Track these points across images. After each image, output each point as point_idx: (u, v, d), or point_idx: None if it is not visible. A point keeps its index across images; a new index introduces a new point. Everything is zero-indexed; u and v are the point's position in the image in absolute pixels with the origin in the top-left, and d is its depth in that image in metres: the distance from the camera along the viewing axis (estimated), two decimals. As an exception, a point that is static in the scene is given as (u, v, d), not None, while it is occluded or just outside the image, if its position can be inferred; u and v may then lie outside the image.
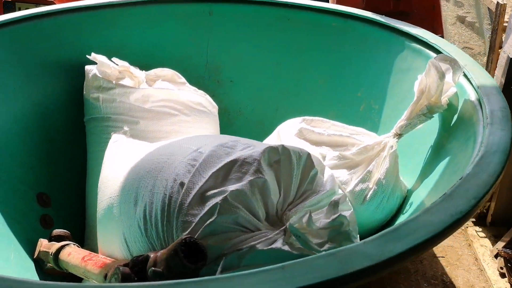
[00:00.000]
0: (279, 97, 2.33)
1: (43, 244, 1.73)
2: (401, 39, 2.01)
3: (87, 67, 2.07)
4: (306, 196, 1.40)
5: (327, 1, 2.65)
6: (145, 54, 2.27)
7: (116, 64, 2.06)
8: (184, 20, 2.32)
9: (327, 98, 2.22)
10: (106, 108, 1.99)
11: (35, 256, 1.73)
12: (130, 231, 1.40)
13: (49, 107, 2.09)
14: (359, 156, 1.65)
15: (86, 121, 2.09)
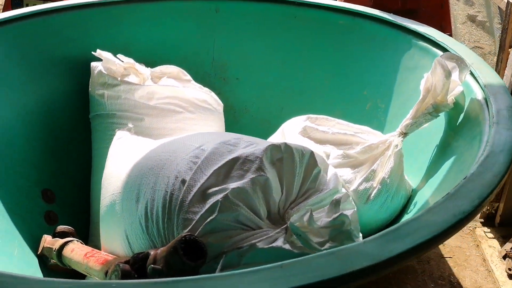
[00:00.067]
0: (285, 95, 2.31)
1: (47, 240, 1.74)
2: (408, 37, 1.99)
3: (93, 64, 2.07)
4: (309, 194, 1.39)
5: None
6: (151, 51, 2.27)
7: (121, 61, 2.05)
8: (191, 17, 2.31)
9: (333, 96, 2.20)
10: (111, 105, 1.99)
11: (39, 252, 1.73)
12: (131, 228, 1.40)
13: (54, 104, 2.09)
14: (363, 154, 1.63)
15: (91, 117, 2.09)
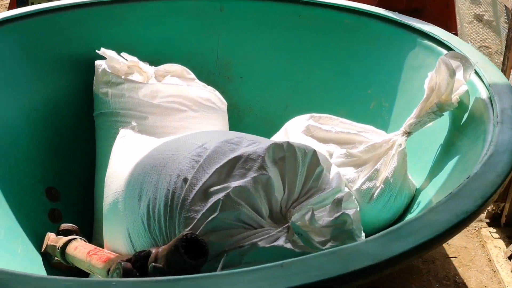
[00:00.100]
0: (289, 94, 2.30)
1: (50, 238, 1.74)
2: (413, 36, 1.97)
3: (97, 62, 2.07)
4: (311, 193, 1.38)
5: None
6: (155, 49, 2.27)
7: (125, 59, 2.05)
8: (195, 16, 2.31)
9: (337, 95, 2.19)
10: (115, 103, 1.99)
11: (42, 250, 1.74)
12: (134, 226, 1.40)
13: (59, 102, 2.10)
14: (366, 154, 1.62)
15: (95, 116, 2.09)
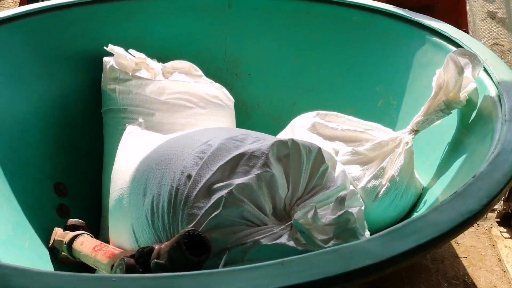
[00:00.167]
0: (297, 91, 2.29)
1: (58, 233, 1.75)
2: (422, 33, 1.95)
3: (105, 59, 2.08)
4: (316, 191, 1.37)
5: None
6: (163, 46, 2.27)
7: (133, 56, 2.06)
8: (203, 12, 2.30)
9: (345, 93, 2.17)
10: (122, 100, 2.00)
11: (50, 245, 1.75)
12: (138, 222, 1.40)
13: (68, 98, 2.11)
14: (372, 152, 1.61)
15: (103, 112, 2.10)
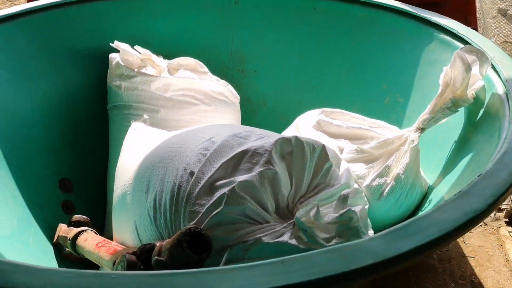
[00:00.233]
0: (303, 89, 2.27)
1: (62, 229, 1.75)
2: (430, 30, 1.92)
3: (111, 55, 2.08)
4: (319, 189, 1.36)
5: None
6: (169, 42, 2.26)
7: (139, 52, 2.05)
8: (210, 9, 2.29)
9: (352, 90, 2.15)
10: (127, 96, 2.00)
11: (54, 241, 1.75)
12: (140, 219, 1.40)
13: (74, 95, 2.11)
14: (378, 150, 1.59)
15: (109, 108, 2.10)
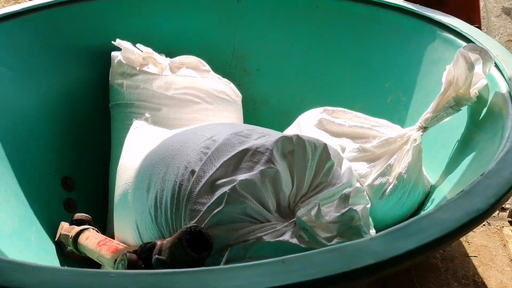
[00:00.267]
0: (305, 87, 2.27)
1: (64, 227, 1.75)
2: (433, 28, 1.91)
3: (114, 53, 2.07)
4: (321, 188, 1.35)
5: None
6: (172, 41, 2.25)
7: (141, 51, 2.05)
8: (212, 7, 2.28)
9: (354, 89, 2.14)
10: (129, 95, 1.99)
11: (56, 239, 1.75)
12: (141, 217, 1.40)
13: (76, 93, 2.11)
14: (380, 149, 1.58)
15: (111, 107, 2.10)
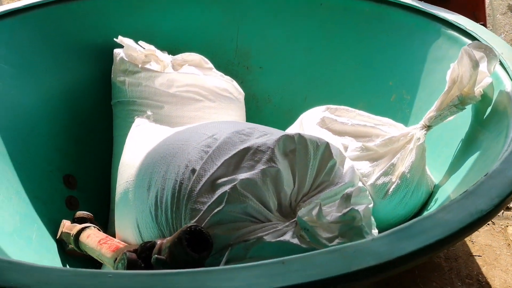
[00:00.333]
0: (309, 85, 2.25)
1: (65, 225, 1.75)
2: (437, 26, 1.89)
3: (116, 51, 2.06)
4: (323, 187, 1.34)
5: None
6: (174, 38, 2.24)
7: (143, 48, 2.04)
8: (215, 4, 2.27)
9: (358, 87, 2.13)
10: (131, 92, 1.98)
11: (57, 237, 1.75)
12: (142, 216, 1.39)
13: (78, 90, 2.10)
14: (383, 147, 1.56)
15: (113, 104, 2.09)
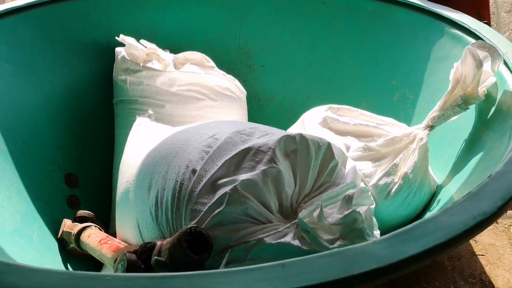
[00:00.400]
0: (311, 84, 2.24)
1: (66, 225, 1.74)
2: (441, 24, 1.88)
3: (117, 49, 2.06)
4: (324, 188, 1.32)
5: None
6: (176, 36, 2.23)
7: (145, 46, 2.03)
8: (217, 2, 2.26)
9: (361, 86, 2.11)
10: (133, 91, 1.97)
11: (58, 236, 1.74)
12: (142, 216, 1.38)
13: (79, 89, 2.09)
14: (385, 147, 1.55)
15: (114, 103, 2.08)
